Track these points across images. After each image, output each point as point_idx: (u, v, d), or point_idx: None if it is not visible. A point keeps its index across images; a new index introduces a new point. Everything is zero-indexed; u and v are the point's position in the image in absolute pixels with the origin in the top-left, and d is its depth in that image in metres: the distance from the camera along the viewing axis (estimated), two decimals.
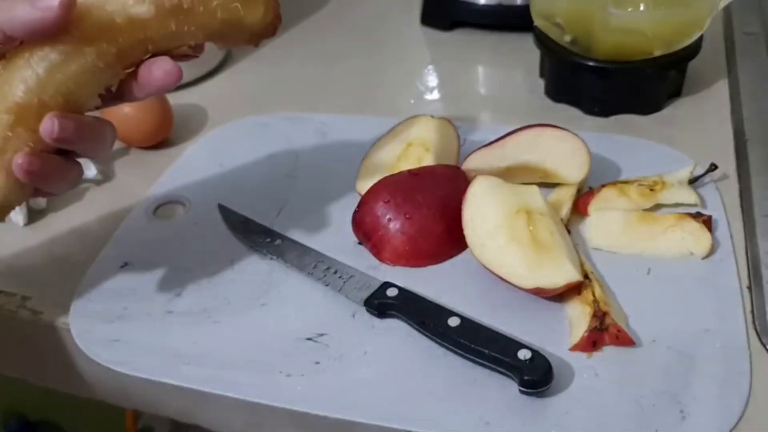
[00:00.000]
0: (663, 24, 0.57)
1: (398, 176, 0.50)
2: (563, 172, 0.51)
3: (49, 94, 0.35)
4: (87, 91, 0.37)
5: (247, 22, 0.39)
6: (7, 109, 0.35)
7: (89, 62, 0.36)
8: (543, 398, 0.39)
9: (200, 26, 0.37)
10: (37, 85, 0.35)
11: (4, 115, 0.35)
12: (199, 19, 0.37)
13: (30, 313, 0.48)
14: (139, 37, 0.36)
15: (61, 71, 0.35)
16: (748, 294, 0.44)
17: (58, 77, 0.35)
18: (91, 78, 0.36)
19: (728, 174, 0.53)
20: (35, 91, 0.35)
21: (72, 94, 0.36)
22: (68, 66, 0.35)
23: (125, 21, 0.36)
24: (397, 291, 0.44)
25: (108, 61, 0.36)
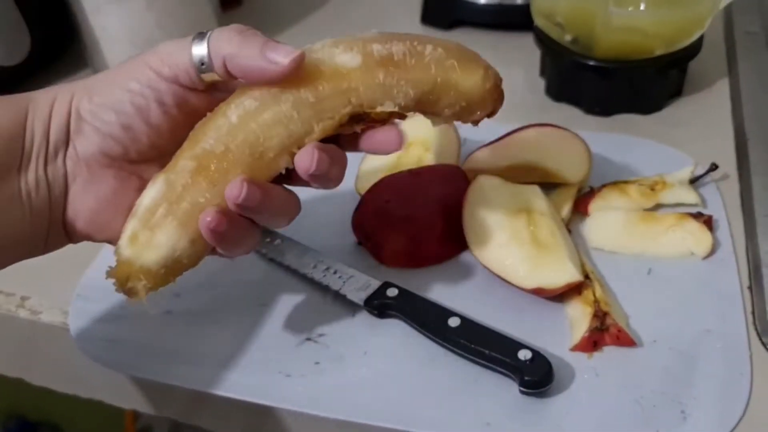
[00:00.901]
0: (664, 23, 0.57)
1: (398, 176, 0.50)
2: (564, 172, 0.51)
3: (236, 142, 0.33)
4: (275, 144, 0.34)
5: (462, 86, 0.35)
6: (193, 156, 0.34)
7: (284, 111, 0.33)
8: (543, 398, 0.39)
9: (411, 82, 0.34)
10: (227, 133, 0.33)
11: (189, 161, 0.34)
12: (410, 73, 0.34)
13: (30, 313, 0.48)
14: (341, 87, 0.33)
15: (254, 119, 0.33)
16: (749, 294, 0.44)
17: (249, 125, 0.33)
18: (283, 129, 0.33)
19: (729, 174, 0.53)
20: (224, 139, 0.33)
21: (259, 146, 0.33)
22: (261, 114, 0.33)
23: (330, 69, 0.33)
24: (397, 291, 0.44)
25: (305, 113, 0.33)
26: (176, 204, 0.34)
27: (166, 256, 0.34)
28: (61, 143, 0.34)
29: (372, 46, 0.34)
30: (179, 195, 0.34)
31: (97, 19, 0.67)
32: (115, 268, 0.35)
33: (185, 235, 0.34)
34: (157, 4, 0.67)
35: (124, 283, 0.34)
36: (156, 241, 0.34)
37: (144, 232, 0.34)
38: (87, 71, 0.77)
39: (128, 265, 0.34)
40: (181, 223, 0.34)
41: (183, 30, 0.69)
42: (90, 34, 0.69)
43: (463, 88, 0.36)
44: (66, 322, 0.47)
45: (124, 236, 0.34)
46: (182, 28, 0.69)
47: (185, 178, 0.34)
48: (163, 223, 0.34)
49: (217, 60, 0.33)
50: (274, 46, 0.33)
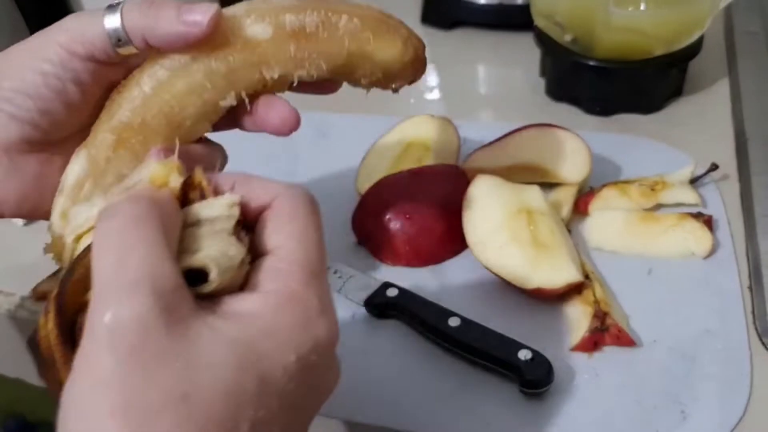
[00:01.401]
0: (664, 23, 0.57)
1: (398, 176, 0.50)
2: (564, 172, 0.51)
3: (152, 113, 0.33)
4: (191, 113, 0.34)
5: (379, 58, 0.35)
6: (111, 128, 0.34)
7: (196, 81, 0.33)
8: (543, 398, 0.39)
9: (323, 55, 0.34)
10: (142, 104, 0.34)
11: (108, 134, 0.34)
12: (322, 45, 0.34)
13: (29, 313, 0.48)
14: (252, 60, 0.33)
15: (167, 90, 0.33)
16: (749, 294, 0.44)
17: (162, 96, 0.34)
18: (197, 99, 0.34)
19: (729, 174, 0.53)
20: (139, 110, 0.34)
21: (176, 115, 0.34)
22: (174, 84, 0.33)
23: (241, 40, 0.33)
24: (397, 291, 0.44)
25: (216, 82, 0.34)
26: (101, 177, 0.34)
27: None
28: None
29: (285, 17, 0.33)
30: (103, 169, 0.34)
31: None
32: (50, 245, 0.35)
33: None
34: None
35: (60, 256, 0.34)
36: None
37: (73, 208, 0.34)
38: None
39: (62, 239, 0.33)
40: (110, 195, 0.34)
41: None
42: None
43: (380, 59, 0.35)
44: None
45: (55, 213, 0.34)
46: None
47: (107, 152, 0.34)
48: (91, 197, 0.34)
49: (135, 35, 0.33)
50: (188, 8, 0.33)
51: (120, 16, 0.33)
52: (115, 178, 0.34)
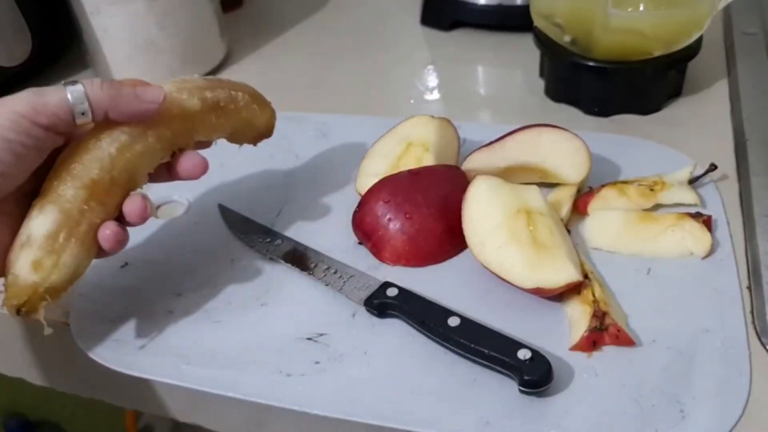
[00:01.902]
0: (663, 24, 0.57)
1: (398, 176, 0.50)
2: (563, 172, 0.51)
3: (118, 170, 0.40)
4: (144, 169, 0.42)
5: (257, 123, 0.47)
6: (84, 185, 0.39)
7: (150, 144, 0.41)
8: (543, 398, 0.39)
9: (230, 123, 0.45)
10: (110, 163, 0.40)
11: (80, 191, 0.39)
12: (230, 116, 0.45)
13: None
14: (187, 126, 0.43)
15: (129, 151, 0.41)
16: (748, 294, 0.44)
17: (126, 155, 0.41)
18: (150, 158, 0.42)
19: (728, 174, 0.53)
20: (107, 168, 0.40)
21: (134, 171, 0.41)
22: (134, 146, 0.41)
23: (180, 111, 0.42)
24: (397, 291, 0.44)
25: (164, 144, 0.42)
26: (76, 227, 0.39)
27: (73, 273, 0.40)
28: None
29: (205, 93, 0.43)
30: (77, 220, 0.39)
31: (98, 21, 0.67)
32: (12, 295, 0.39)
33: (86, 252, 0.40)
34: (157, 5, 0.67)
35: (22, 307, 0.39)
36: (62, 262, 0.39)
37: (49, 257, 0.39)
38: (88, 72, 0.77)
39: (33, 288, 0.39)
40: (83, 242, 0.40)
41: (183, 31, 0.69)
42: (91, 35, 0.69)
43: (258, 123, 0.47)
44: (67, 322, 0.47)
45: (24, 264, 0.38)
46: (183, 29, 0.69)
47: (80, 205, 0.39)
48: (67, 246, 0.39)
49: (99, 111, 0.39)
50: (143, 90, 0.40)
51: (84, 93, 0.38)
52: (88, 227, 0.40)
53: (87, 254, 0.41)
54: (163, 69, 0.70)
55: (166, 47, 0.69)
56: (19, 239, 0.39)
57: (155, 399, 0.48)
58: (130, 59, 0.69)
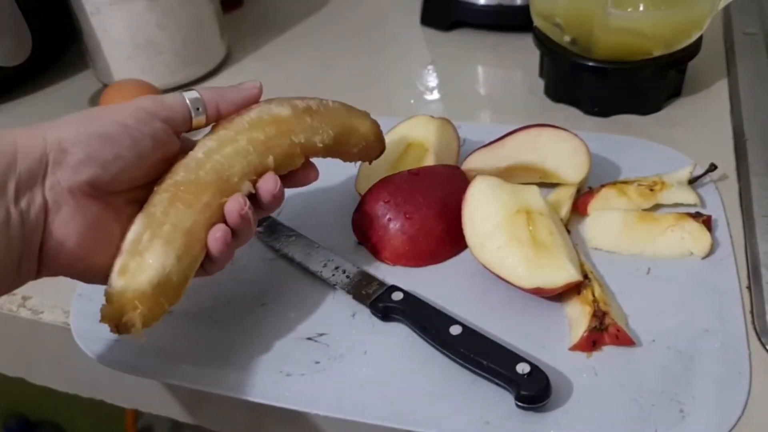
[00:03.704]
0: (662, 24, 0.57)
1: (398, 176, 0.50)
2: (563, 172, 0.51)
3: (205, 170, 0.39)
4: (237, 171, 0.40)
5: (361, 129, 0.46)
6: (166, 188, 0.39)
7: (241, 146, 0.41)
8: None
9: (329, 124, 0.44)
10: (196, 166, 0.40)
11: (164, 194, 0.39)
12: (326, 118, 0.44)
13: (30, 313, 0.48)
14: (281, 129, 0.42)
15: (217, 153, 0.40)
16: (748, 294, 0.44)
17: (214, 157, 0.40)
18: (242, 159, 0.40)
19: (728, 174, 0.53)
20: (192, 170, 0.39)
21: (225, 171, 0.40)
22: (223, 149, 0.40)
23: (270, 117, 0.42)
24: (402, 295, 0.44)
25: (257, 147, 0.41)
26: (159, 228, 0.38)
27: (158, 275, 0.37)
28: (36, 176, 0.35)
29: (296, 101, 0.44)
30: (160, 221, 0.38)
31: (98, 21, 0.68)
32: (107, 307, 0.37)
33: (172, 252, 0.38)
34: (157, 5, 0.67)
35: (120, 319, 0.37)
36: (146, 263, 0.37)
37: (134, 260, 0.37)
38: (88, 72, 0.77)
39: (122, 295, 0.37)
40: (167, 241, 0.37)
41: (183, 31, 0.69)
42: (91, 35, 0.69)
43: (362, 130, 0.46)
44: (67, 322, 0.47)
45: (114, 273, 0.37)
46: (183, 30, 0.69)
47: (163, 207, 0.38)
48: (150, 246, 0.37)
49: (211, 106, 0.41)
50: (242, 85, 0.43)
51: (199, 95, 0.41)
52: (171, 227, 0.38)
53: (173, 255, 0.37)
54: (163, 69, 0.70)
55: (166, 47, 0.69)
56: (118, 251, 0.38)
57: (155, 399, 0.48)
58: (130, 59, 0.69)
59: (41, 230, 0.36)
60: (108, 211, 0.38)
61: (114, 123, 0.37)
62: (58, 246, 0.36)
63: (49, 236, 0.36)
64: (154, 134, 0.38)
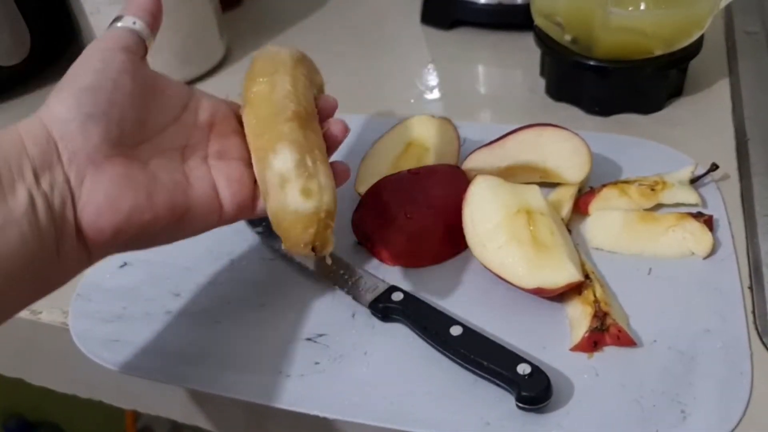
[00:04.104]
0: (664, 23, 0.57)
1: (398, 176, 0.50)
2: (564, 172, 0.51)
3: (302, 100, 0.41)
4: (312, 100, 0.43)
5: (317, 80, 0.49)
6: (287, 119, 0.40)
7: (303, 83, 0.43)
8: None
9: None
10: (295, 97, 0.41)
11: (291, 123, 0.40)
12: None
13: (29, 314, 0.48)
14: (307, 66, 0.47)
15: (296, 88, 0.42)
16: (749, 294, 0.44)
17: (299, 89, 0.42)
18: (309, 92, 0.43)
19: (729, 174, 0.53)
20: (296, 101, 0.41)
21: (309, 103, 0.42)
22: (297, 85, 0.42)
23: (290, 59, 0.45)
24: (402, 296, 0.44)
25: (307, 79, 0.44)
26: (311, 152, 0.39)
27: (335, 192, 0.39)
28: (49, 156, 0.34)
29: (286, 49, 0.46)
30: (308, 146, 0.39)
31: (97, 20, 0.67)
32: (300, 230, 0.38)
33: (330, 172, 0.40)
34: None
35: (315, 240, 0.38)
36: (324, 183, 0.38)
37: (311, 182, 0.38)
38: None
39: (316, 215, 0.38)
40: (324, 162, 0.40)
41: (182, 30, 0.69)
42: (90, 34, 0.69)
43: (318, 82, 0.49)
44: (66, 322, 0.47)
45: (294, 198, 0.38)
46: (182, 29, 0.69)
47: (301, 135, 0.39)
48: (318, 168, 0.39)
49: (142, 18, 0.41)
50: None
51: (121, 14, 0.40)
52: (318, 150, 0.40)
53: (329, 170, 0.40)
54: (162, 68, 0.69)
55: (165, 46, 0.69)
56: (270, 186, 0.39)
57: (155, 399, 0.48)
58: None
59: (71, 208, 0.34)
60: (133, 167, 0.36)
61: (88, 72, 0.37)
62: (95, 218, 0.35)
63: (83, 212, 0.34)
64: (123, 68, 0.37)
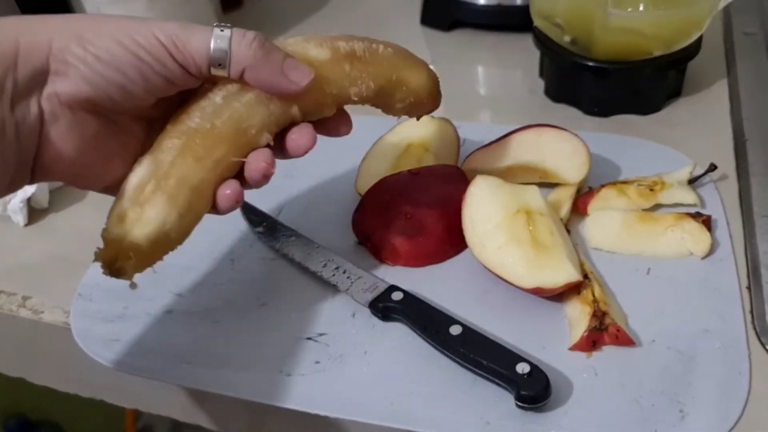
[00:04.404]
0: (662, 24, 0.57)
1: (398, 176, 0.50)
2: (563, 172, 0.51)
3: (221, 119, 0.36)
4: (257, 121, 0.37)
5: (412, 84, 0.41)
6: (179, 133, 0.36)
7: (264, 93, 0.36)
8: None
9: (371, 75, 0.39)
10: (213, 112, 0.36)
11: (175, 140, 0.35)
12: (370, 67, 0.39)
13: (30, 313, 0.48)
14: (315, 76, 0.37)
15: (238, 100, 0.36)
16: (748, 294, 0.44)
17: (233, 104, 0.36)
18: (264, 109, 0.37)
19: (728, 174, 0.53)
20: (209, 117, 0.36)
21: (243, 122, 0.36)
22: (244, 96, 0.36)
23: (304, 61, 0.37)
24: (402, 295, 0.44)
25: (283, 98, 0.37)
26: (164, 180, 0.35)
27: (156, 231, 0.35)
28: (35, 84, 0.33)
29: (338, 43, 0.38)
30: (166, 171, 0.35)
31: None
32: (102, 250, 0.35)
33: (174, 210, 0.35)
34: (157, 5, 0.67)
35: (112, 264, 0.35)
36: (146, 216, 0.34)
37: (133, 210, 0.35)
38: None
39: (117, 243, 0.34)
40: (170, 197, 0.35)
41: None
42: None
43: (413, 86, 0.41)
44: (67, 322, 0.47)
45: (112, 217, 0.35)
46: None
47: (172, 155, 0.35)
48: (152, 198, 0.35)
49: (236, 67, 0.35)
50: (292, 64, 0.36)
51: (228, 46, 0.35)
52: (176, 182, 0.35)
53: (175, 213, 0.35)
54: None
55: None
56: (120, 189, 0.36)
57: (155, 399, 0.49)
58: None
59: (36, 140, 0.33)
60: (109, 127, 0.35)
61: (127, 52, 0.33)
62: (54, 157, 0.34)
63: (46, 147, 0.34)
64: (168, 76, 0.35)
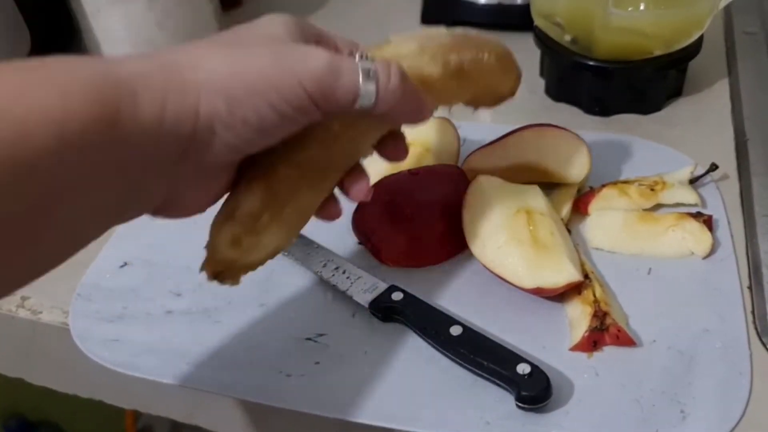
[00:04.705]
0: (663, 24, 0.57)
1: (398, 176, 0.50)
2: (564, 172, 0.51)
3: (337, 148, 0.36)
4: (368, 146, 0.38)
5: (500, 90, 0.42)
6: (297, 164, 0.35)
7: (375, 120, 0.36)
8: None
9: (471, 90, 0.40)
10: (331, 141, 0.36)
11: (292, 170, 0.35)
12: (472, 83, 0.39)
13: (30, 313, 0.48)
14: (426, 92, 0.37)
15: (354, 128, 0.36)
16: (749, 294, 0.44)
17: (349, 133, 0.36)
18: (377, 133, 0.38)
19: (729, 174, 0.53)
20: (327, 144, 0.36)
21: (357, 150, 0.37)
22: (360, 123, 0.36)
23: (417, 79, 0.36)
24: (402, 295, 0.44)
25: None
26: (280, 210, 0.36)
27: (271, 254, 0.37)
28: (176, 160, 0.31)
29: (449, 57, 0.38)
30: (283, 202, 0.36)
31: (98, 21, 0.67)
32: (210, 264, 0.36)
33: (287, 236, 0.37)
34: (157, 5, 0.67)
35: (219, 276, 0.37)
36: (262, 243, 0.36)
37: (249, 238, 0.36)
38: None
39: (231, 263, 0.36)
40: (286, 224, 0.37)
41: (183, 31, 0.69)
42: (90, 35, 0.69)
43: (501, 91, 0.42)
44: (66, 322, 0.47)
45: (224, 239, 0.36)
46: (183, 29, 0.69)
47: (288, 187, 0.36)
48: (268, 227, 0.36)
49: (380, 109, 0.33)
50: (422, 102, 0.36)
51: (375, 94, 0.33)
52: (291, 210, 0.36)
53: (287, 235, 0.37)
54: None
55: (165, 47, 0.69)
56: (225, 209, 0.36)
57: (155, 399, 0.48)
58: None
59: None
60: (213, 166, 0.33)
61: (275, 113, 0.31)
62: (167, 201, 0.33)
63: None
64: (308, 123, 0.33)
